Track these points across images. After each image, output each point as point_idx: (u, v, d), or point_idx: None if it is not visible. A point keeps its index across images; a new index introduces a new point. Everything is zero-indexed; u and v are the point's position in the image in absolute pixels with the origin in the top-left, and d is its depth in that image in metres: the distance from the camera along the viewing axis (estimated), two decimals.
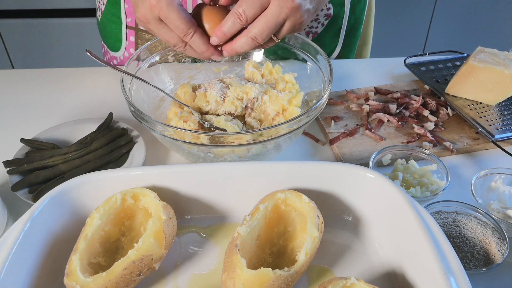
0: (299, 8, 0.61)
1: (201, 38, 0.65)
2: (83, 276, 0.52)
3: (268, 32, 0.62)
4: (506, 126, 0.83)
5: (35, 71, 1.01)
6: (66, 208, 0.60)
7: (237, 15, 0.61)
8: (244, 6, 0.61)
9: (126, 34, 1.00)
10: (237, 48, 0.65)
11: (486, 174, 0.71)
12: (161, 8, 0.61)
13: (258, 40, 0.62)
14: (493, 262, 0.60)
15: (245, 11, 0.61)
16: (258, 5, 0.60)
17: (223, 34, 0.63)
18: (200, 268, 0.60)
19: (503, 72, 0.83)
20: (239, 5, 0.61)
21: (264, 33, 0.62)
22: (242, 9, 0.61)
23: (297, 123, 0.67)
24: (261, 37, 0.62)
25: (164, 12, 0.62)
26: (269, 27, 0.61)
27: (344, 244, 0.63)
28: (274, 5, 0.61)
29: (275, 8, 0.60)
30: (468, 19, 2.18)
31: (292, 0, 0.60)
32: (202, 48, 0.66)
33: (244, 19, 0.61)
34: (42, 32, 2.05)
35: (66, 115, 0.88)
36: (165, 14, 0.62)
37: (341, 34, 1.03)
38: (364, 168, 0.62)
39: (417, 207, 0.58)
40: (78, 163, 0.73)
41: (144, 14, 0.63)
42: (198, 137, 0.64)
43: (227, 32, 0.63)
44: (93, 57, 0.71)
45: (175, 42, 0.66)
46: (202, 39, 0.65)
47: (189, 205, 0.65)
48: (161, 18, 0.63)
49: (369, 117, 0.87)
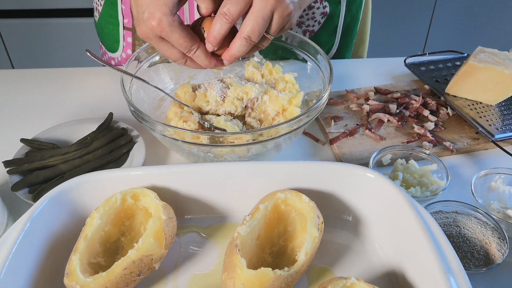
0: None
1: (204, 52, 0.65)
2: (83, 276, 0.52)
3: (259, 28, 0.61)
4: (506, 126, 0.83)
5: (35, 71, 1.01)
6: (66, 208, 0.60)
7: (222, 15, 0.61)
8: (228, 5, 0.60)
9: (123, 35, 1.00)
10: (234, 53, 0.64)
11: (486, 174, 0.71)
12: (163, 29, 0.61)
13: (252, 38, 0.62)
14: (493, 262, 0.60)
15: (230, 9, 0.60)
16: (242, 1, 0.60)
17: (213, 38, 0.63)
18: (200, 268, 0.60)
19: (503, 72, 0.83)
20: (223, 5, 0.61)
21: (256, 30, 0.61)
22: (227, 8, 0.60)
23: (297, 123, 0.67)
24: (254, 35, 0.62)
25: (166, 33, 0.61)
26: (258, 23, 0.61)
27: (344, 244, 0.63)
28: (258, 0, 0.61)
29: (260, 2, 0.60)
30: (468, 19, 2.18)
31: None
32: (205, 62, 0.66)
33: (230, 17, 0.61)
34: (42, 32, 2.05)
35: (66, 115, 0.88)
36: (167, 34, 0.61)
37: (338, 33, 1.04)
38: (364, 168, 0.62)
39: (417, 207, 0.58)
40: (78, 163, 0.73)
41: (145, 32, 0.63)
42: (198, 137, 0.64)
43: (217, 35, 0.62)
44: (93, 57, 0.71)
45: (176, 58, 0.66)
46: (205, 53, 0.65)
47: (189, 205, 0.65)
48: (162, 37, 0.63)
49: (369, 117, 0.87)
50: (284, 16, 0.63)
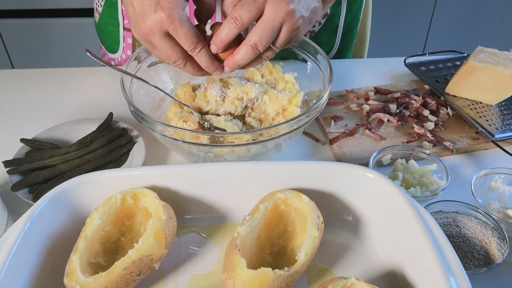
0: (294, 12, 0.61)
1: (208, 52, 0.64)
2: (83, 276, 0.52)
3: (266, 38, 0.61)
4: (506, 126, 0.83)
5: (35, 71, 1.01)
6: (66, 208, 0.60)
7: (233, 19, 0.61)
8: (240, 11, 0.60)
9: (123, 36, 1.00)
10: (238, 60, 0.64)
11: (486, 174, 0.71)
12: (173, 21, 0.60)
13: (258, 47, 0.62)
14: (493, 262, 0.60)
15: (241, 15, 0.60)
16: (254, 9, 0.60)
17: (220, 41, 0.63)
18: (200, 268, 0.60)
19: (503, 72, 0.83)
20: (235, 10, 0.61)
21: (263, 40, 0.62)
22: (238, 13, 0.60)
23: (297, 123, 0.67)
24: (260, 44, 0.62)
25: (175, 26, 0.60)
26: (266, 32, 0.61)
27: (344, 244, 0.63)
28: (269, 9, 0.61)
29: (271, 12, 0.60)
30: (468, 19, 2.18)
31: (287, 4, 0.60)
32: (207, 63, 0.65)
33: (240, 23, 0.61)
34: (42, 32, 2.05)
35: (66, 115, 0.88)
36: (175, 28, 0.61)
37: (338, 33, 1.04)
38: (364, 168, 0.62)
39: (417, 207, 0.58)
40: (78, 163, 0.73)
41: (151, 27, 0.61)
42: (198, 137, 0.64)
43: (224, 38, 0.62)
44: (93, 57, 0.71)
45: (176, 58, 0.65)
46: (208, 54, 0.64)
47: (189, 205, 0.65)
48: (168, 32, 0.62)
49: (369, 117, 0.87)
50: (292, 29, 0.63)
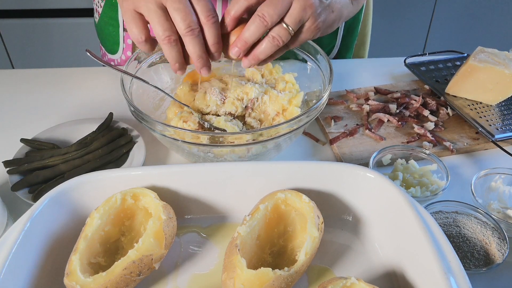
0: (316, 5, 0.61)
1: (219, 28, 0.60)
2: (83, 276, 0.52)
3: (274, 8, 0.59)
4: (506, 126, 0.83)
5: (35, 71, 1.01)
6: (66, 208, 0.60)
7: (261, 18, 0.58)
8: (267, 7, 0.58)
9: (123, 37, 1.00)
10: (259, 55, 0.62)
11: (486, 174, 0.71)
12: None
13: (266, 18, 0.59)
14: (493, 262, 0.60)
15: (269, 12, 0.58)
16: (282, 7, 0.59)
17: (244, 42, 0.60)
18: (200, 268, 0.60)
19: (503, 72, 0.83)
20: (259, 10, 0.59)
21: (271, 10, 0.59)
22: (266, 10, 0.58)
23: (297, 123, 0.67)
24: (268, 14, 0.58)
25: None
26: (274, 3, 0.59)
27: (344, 244, 0.63)
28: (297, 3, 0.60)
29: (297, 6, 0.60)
30: (468, 19, 2.18)
31: None
32: (215, 39, 0.60)
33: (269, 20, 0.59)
34: (42, 32, 2.05)
35: (66, 115, 0.88)
36: None
37: (339, 34, 1.03)
38: (364, 168, 0.62)
39: (417, 207, 0.58)
40: (78, 163, 0.73)
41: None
42: (198, 137, 0.64)
43: (249, 38, 0.60)
44: (93, 57, 0.71)
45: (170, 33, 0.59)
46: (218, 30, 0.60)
47: (189, 205, 0.65)
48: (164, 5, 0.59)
49: (369, 117, 0.87)
50: (305, 7, 0.60)
